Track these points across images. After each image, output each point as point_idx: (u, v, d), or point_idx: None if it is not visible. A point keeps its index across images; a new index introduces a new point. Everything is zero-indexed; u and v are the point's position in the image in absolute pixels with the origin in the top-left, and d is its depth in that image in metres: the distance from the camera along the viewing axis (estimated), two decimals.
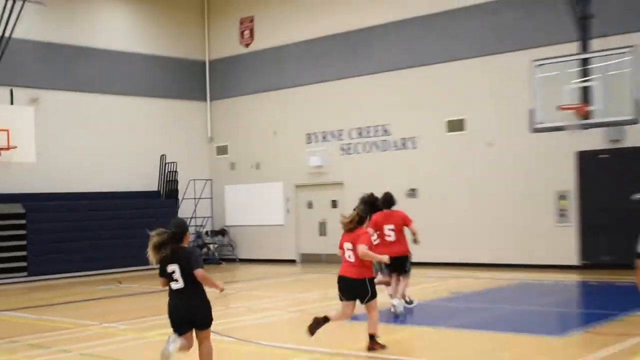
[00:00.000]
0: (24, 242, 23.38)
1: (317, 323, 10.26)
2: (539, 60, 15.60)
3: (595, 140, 19.84)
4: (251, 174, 28.14)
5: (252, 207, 27.92)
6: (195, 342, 8.42)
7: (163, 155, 27.46)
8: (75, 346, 11.37)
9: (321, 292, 18.33)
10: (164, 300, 8.64)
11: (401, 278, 14.09)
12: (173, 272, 8.59)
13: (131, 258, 25.09)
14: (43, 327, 13.68)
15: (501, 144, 21.73)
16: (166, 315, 8.48)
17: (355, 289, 10.31)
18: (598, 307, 14.36)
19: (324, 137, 25.99)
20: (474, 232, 21.69)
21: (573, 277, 18.67)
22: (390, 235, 14.08)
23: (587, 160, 20.38)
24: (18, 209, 23.34)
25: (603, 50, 15.05)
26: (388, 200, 14.49)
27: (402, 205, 23.41)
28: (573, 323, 13.04)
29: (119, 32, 27.21)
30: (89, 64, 26.02)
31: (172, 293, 8.66)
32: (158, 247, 8.56)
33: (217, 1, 29.31)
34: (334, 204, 25.83)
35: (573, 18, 15.58)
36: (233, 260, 27.91)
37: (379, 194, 24.73)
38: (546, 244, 20.33)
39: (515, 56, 20.78)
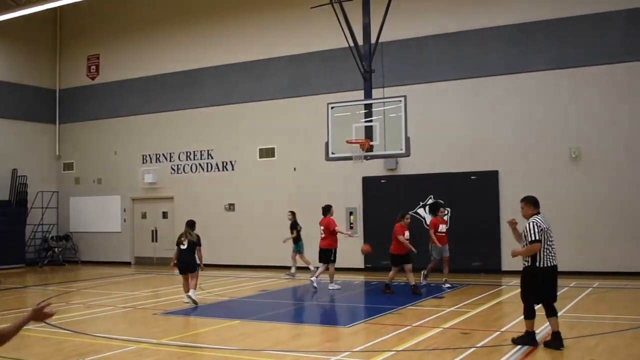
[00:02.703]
0: None
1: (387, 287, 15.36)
2: (332, 103, 15.98)
3: (376, 168, 20.69)
4: (93, 187, 27.22)
5: (94, 216, 27.05)
6: None
7: (15, 169, 26.14)
8: None
9: (151, 290, 17.99)
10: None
11: (327, 265, 16.34)
12: (183, 242, 14.31)
13: None
14: None
15: (304, 168, 22.20)
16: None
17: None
18: (378, 302, 14.81)
19: (157, 159, 25.55)
20: (282, 239, 21.92)
21: (360, 278, 19.18)
22: (323, 234, 16.31)
23: (370, 184, 21.14)
24: None
25: (382, 98, 15.59)
26: (324, 210, 16.63)
27: (221, 217, 23.69)
28: (357, 316, 13.28)
29: None
30: None
31: (180, 252, 14.33)
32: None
33: (67, 39, 28.25)
34: (165, 215, 25.44)
35: (359, 72, 16.10)
36: (75, 262, 26.81)
37: (205, 207, 24.65)
38: (339, 250, 20.26)
39: (315, 99, 21.27)
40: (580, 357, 8.56)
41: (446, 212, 17.59)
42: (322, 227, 16.41)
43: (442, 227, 16.43)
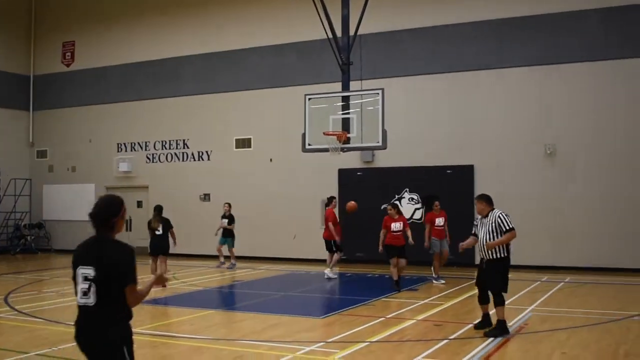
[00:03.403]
0: None
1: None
2: (310, 94, 15.95)
3: (352, 160, 20.72)
4: (67, 175, 26.93)
5: (67, 204, 26.74)
6: None
7: None
8: None
9: None
10: None
11: (331, 255, 16.95)
12: (158, 228, 15.26)
13: None
14: None
15: (280, 159, 22.17)
16: None
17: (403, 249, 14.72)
18: (352, 294, 14.85)
19: (132, 147, 25.37)
20: (257, 230, 21.92)
21: (334, 269, 19.17)
22: (324, 225, 17.01)
23: (346, 176, 21.16)
24: None
25: (360, 90, 15.60)
26: (327, 200, 17.25)
27: (197, 206, 23.58)
28: (331, 307, 13.31)
29: None
30: None
31: (154, 236, 15.38)
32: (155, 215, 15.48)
33: (42, 25, 27.87)
34: (140, 204, 25.21)
35: (338, 63, 16.09)
36: (48, 250, 26.54)
37: (180, 197, 24.47)
38: (314, 242, 20.07)
39: (293, 90, 21.21)
40: (551, 350, 8.67)
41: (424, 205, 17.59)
42: (323, 219, 17.36)
43: (440, 221, 15.94)
